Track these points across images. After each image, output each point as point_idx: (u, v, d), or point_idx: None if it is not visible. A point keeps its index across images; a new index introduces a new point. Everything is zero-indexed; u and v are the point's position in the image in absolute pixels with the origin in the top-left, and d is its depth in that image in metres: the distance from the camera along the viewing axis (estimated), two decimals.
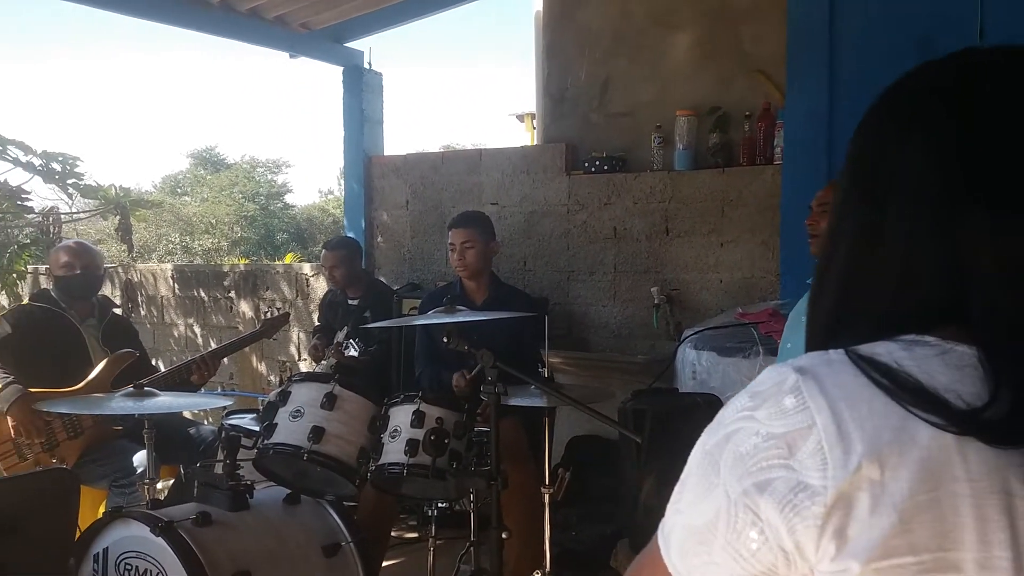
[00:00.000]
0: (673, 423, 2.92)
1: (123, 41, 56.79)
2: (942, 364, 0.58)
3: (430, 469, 2.28)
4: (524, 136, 10.53)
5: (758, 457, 0.58)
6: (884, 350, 0.59)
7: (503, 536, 2.16)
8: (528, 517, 2.70)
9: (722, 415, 0.64)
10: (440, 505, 2.79)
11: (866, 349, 0.60)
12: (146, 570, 2.20)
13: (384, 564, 3.12)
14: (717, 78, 4.02)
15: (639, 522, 2.88)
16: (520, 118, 13.01)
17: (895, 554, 0.55)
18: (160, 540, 2.14)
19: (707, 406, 2.96)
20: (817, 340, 0.66)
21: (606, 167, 4.24)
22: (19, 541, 1.77)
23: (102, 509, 3.11)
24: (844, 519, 0.55)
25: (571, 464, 3.70)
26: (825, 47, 3.66)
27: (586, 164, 4.31)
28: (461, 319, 2.41)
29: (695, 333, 3.47)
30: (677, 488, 0.65)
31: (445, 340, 2.21)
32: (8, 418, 2.95)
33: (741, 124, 3.94)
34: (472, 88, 60.59)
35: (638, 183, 4.19)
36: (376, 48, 5.17)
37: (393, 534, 3.81)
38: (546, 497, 2.62)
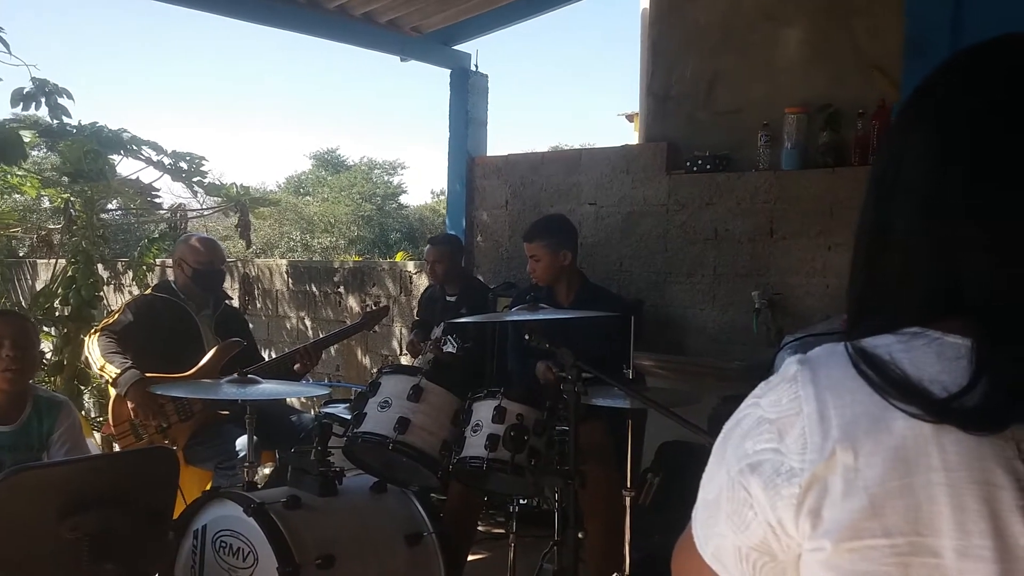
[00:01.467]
0: None
1: (251, 46, 60.11)
2: (935, 356, 0.60)
3: (509, 464, 2.29)
4: (633, 136, 10.41)
5: (754, 440, 0.64)
6: (883, 343, 0.62)
7: (580, 536, 2.15)
8: (609, 519, 2.67)
9: (744, 401, 0.69)
10: (522, 502, 2.80)
11: (868, 342, 0.63)
12: (239, 548, 2.31)
13: (469, 558, 3.16)
14: (829, 74, 3.85)
15: None
16: (630, 118, 12.87)
17: (867, 535, 0.58)
18: (251, 520, 2.24)
19: None
20: (847, 332, 0.68)
21: (709, 166, 4.14)
22: (125, 512, 1.89)
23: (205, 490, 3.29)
24: (819, 500, 0.59)
25: (660, 470, 3.63)
26: (946, 42, 3.43)
27: (688, 163, 4.22)
28: (540, 317, 2.41)
29: (795, 339, 3.32)
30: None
31: (527, 337, 2.21)
32: (127, 400, 3.17)
33: (853, 122, 3.75)
34: (582, 87, 60.46)
35: (742, 183, 4.06)
36: (485, 49, 5.26)
37: (481, 528, 3.88)
38: (627, 500, 2.58)
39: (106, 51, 55.51)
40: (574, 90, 58.36)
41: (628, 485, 2.60)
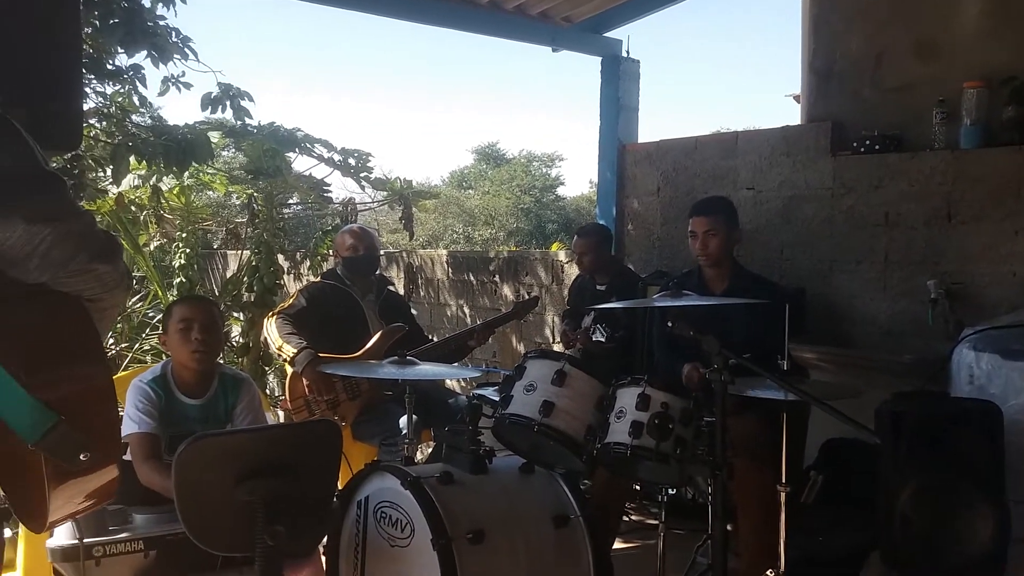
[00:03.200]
0: (940, 431, 2.62)
1: (421, 47, 62.51)
2: None
3: (653, 452, 2.28)
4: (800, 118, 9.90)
5: None
6: None
7: (728, 529, 2.11)
8: (763, 515, 2.59)
9: None
10: (671, 492, 2.77)
11: None
12: (398, 519, 2.45)
13: (618, 546, 3.18)
14: (1013, 44, 3.50)
15: (895, 535, 2.63)
16: (797, 98, 12.26)
17: None
18: (408, 493, 2.37)
19: (982, 415, 2.62)
20: None
21: (878, 147, 3.88)
22: (294, 479, 2.04)
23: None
24: None
25: (824, 467, 3.46)
26: None
27: (855, 144, 3.97)
28: (684, 303, 2.37)
29: (976, 332, 3.06)
30: None
31: (670, 325, 2.19)
32: (302, 378, 3.44)
33: None
34: (745, 68, 57.86)
35: (915, 164, 3.77)
36: (638, 35, 5.21)
37: (634, 518, 3.87)
38: (782, 496, 2.49)
39: (279, 54, 59.76)
40: (735, 72, 56.04)
41: (783, 480, 2.51)
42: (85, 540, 2.09)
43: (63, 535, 2.09)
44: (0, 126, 1.25)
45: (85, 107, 3.26)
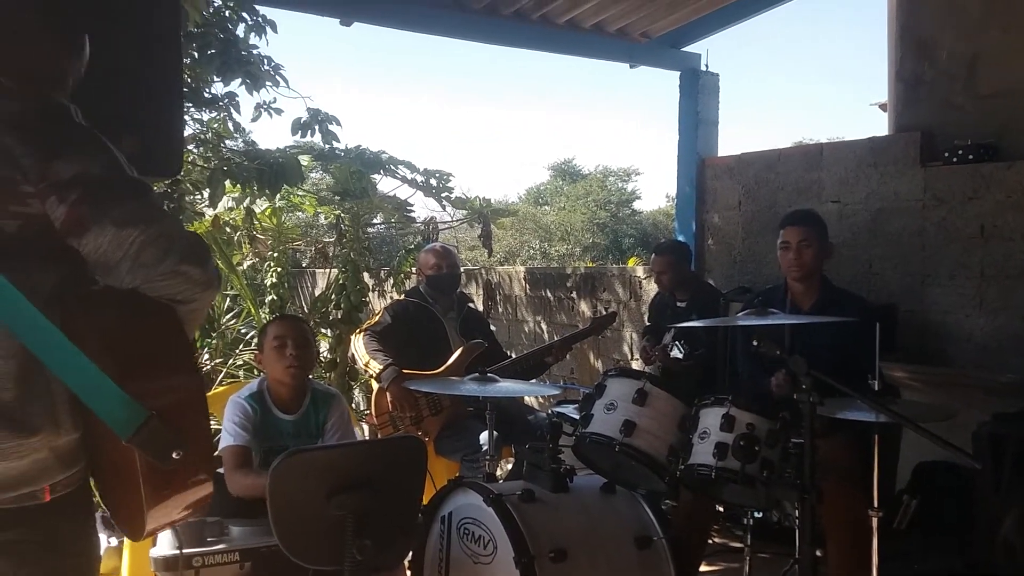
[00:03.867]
0: None
1: (499, 68, 63.23)
2: None
3: (739, 474, 2.24)
4: (887, 127, 9.58)
5: None
6: None
7: (818, 554, 2.05)
8: (853, 540, 2.51)
9: None
10: (757, 515, 2.71)
11: None
12: (480, 536, 2.48)
13: (702, 569, 3.12)
14: None
15: (996, 561, 2.52)
16: (883, 107, 11.88)
17: None
18: (490, 510, 2.40)
19: None
20: None
21: (972, 156, 3.73)
22: (381, 495, 2.10)
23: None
24: None
25: (918, 492, 3.32)
26: None
27: (946, 154, 3.83)
28: (771, 322, 2.32)
29: None
30: None
31: (755, 344, 2.16)
32: (387, 394, 3.52)
33: None
34: (827, 78, 56.23)
35: (1014, 173, 3.61)
36: (716, 48, 5.16)
37: (718, 541, 3.80)
38: (874, 521, 2.41)
39: (361, 76, 61.45)
40: (818, 82, 54.59)
41: (875, 505, 2.43)
42: (185, 550, 2.20)
43: (165, 545, 2.21)
44: (88, 138, 1.30)
45: (185, 134, 3.43)
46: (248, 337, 6.27)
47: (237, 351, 6.13)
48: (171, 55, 2.24)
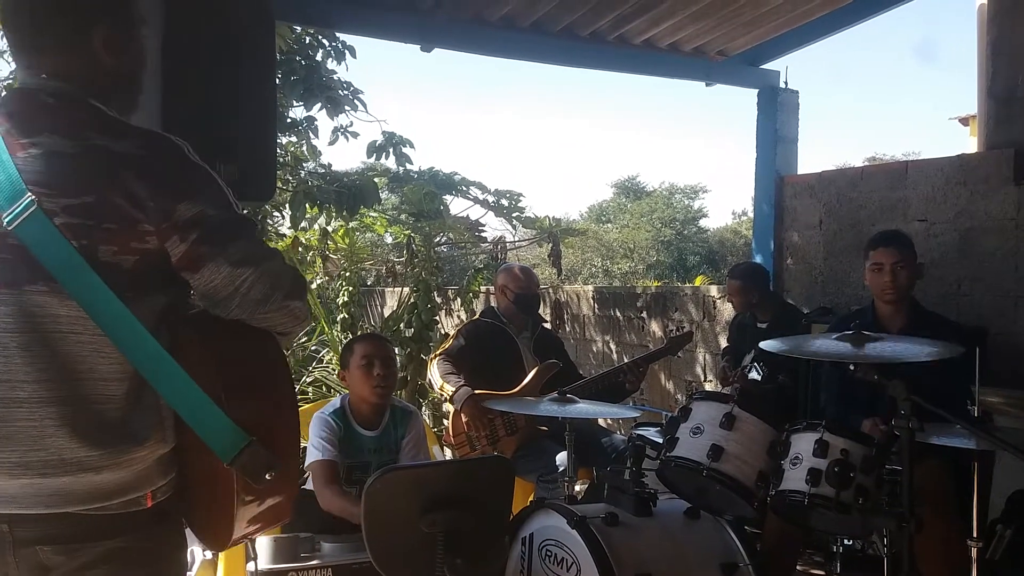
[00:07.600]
0: None
1: (561, 88, 63.51)
2: None
3: (833, 501, 2.18)
4: (968, 141, 9.27)
5: None
6: None
7: None
8: (947, 570, 2.41)
9: None
10: (846, 542, 2.63)
11: None
12: (563, 558, 2.46)
13: None
14: None
15: None
16: (964, 121, 11.49)
17: None
18: (574, 532, 2.38)
19: None
20: None
21: None
22: (470, 512, 2.12)
23: (531, 500, 3.55)
24: None
25: (1012, 520, 3.17)
26: None
27: None
28: (874, 354, 2.23)
29: None
30: None
31: (852, 368, 2.10)
32: (462, 414, 3.54)
33: None
34: (903, 93, 54.76)
35: None
36: (797, 65, 5.08)
37: (799, 568, 3.69)
38: (973, 552, 2.31)
39: (435, 100, 62.51)
40: (893, 97, 53.20)
41: (975, 535, 2.33)
42: (280, 566, 2.25)
43: (262, 559, 2.26)
44: (206, 179, 1.35)
45: None
46: (320, 355, 6.39)
47: (309, 368, 6.26)
48: (267, 86, 2.33)
